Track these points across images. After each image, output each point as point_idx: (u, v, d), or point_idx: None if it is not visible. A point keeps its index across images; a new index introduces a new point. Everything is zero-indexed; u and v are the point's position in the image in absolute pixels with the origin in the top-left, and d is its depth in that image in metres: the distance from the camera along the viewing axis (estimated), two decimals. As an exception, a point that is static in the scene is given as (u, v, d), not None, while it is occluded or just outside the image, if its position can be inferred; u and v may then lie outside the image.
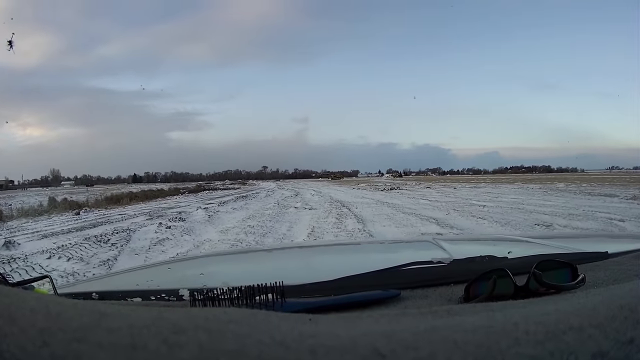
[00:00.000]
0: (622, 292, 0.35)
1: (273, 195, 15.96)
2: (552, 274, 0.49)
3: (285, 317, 0.30)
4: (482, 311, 0.34)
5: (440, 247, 0.85)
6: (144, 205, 12.55)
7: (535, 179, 32.72)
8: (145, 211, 9.64)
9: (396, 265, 0.61)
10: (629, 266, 0.62)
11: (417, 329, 0.25)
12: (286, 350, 0.21)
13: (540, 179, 34.85)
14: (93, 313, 0.23)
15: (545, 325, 0.24)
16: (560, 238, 1.28)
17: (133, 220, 7.42)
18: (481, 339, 0.23)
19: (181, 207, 10.61)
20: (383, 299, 0.52)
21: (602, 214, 6.71)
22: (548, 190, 14.52)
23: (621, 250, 0.74)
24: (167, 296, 0.59)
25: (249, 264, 1.08)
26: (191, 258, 1.48)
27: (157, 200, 14.94)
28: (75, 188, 43.41)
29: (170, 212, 8.82)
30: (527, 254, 0.66)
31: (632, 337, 0.23)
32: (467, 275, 0.54)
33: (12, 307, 0.22)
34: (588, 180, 23.69)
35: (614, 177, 33.40)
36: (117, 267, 3.80)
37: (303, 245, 2.37)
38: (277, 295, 0.44)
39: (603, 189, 14.24)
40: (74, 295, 0.61)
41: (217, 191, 22.23)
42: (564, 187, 17.03)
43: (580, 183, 20.24)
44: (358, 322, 0.31)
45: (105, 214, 9.59)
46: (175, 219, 7.23)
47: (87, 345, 0.20)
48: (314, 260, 1.05)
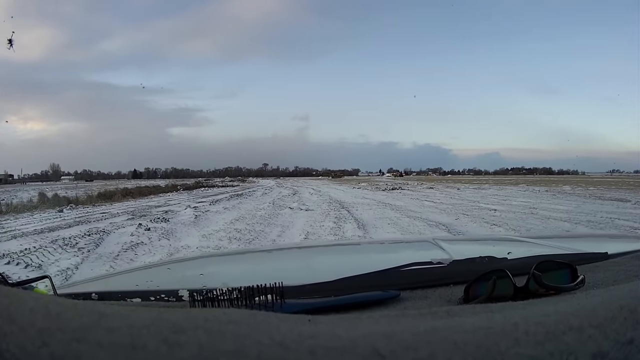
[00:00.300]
0: (622, 292, 0.35)
1: (270, 194, 15.31)
2: (551, 274, 0.49)
3: (284, 317, 0.30)
4: (481, 312, 0.34)
5: (440, 248, 0.85)
6: (134, 202, 12.08)
7: (538, 181, 32.30)
8: (131, 209, 9.12)
9: (396, 265, 0.61)
10: (628, 267, 0.62)
11: (416, 329, 0.25)
12: (286, 351, 0.21)
13: (543, 180, 34.42)
14: (92, 313, 0.23)
15: (545, 326, 0.24)
16: (559, 238, 1.28)
17: (113, 220, 6.85)
18: (481, 340, 0.23)
19: (170, 205, 10.09)
20: (383, 299, 0.52)
21: (622, 221, 6.17)
22: (556, 194, 14.04)
23: (621, 250, 0.73)
24: (167, 297, 0.59)
25: (248, 265, 1.08)
26: (191, 259, 1.46)
27: (149, 197, 14.55)
28: (74, 183, 42.91)
29: (156, 211, 8.30)
30: (527, 255, 0.66)
31: (631, 338, 0.23)
32: (466, 276, 0.54)
33: (12, 307, 0.22)
34: (592, 183, 23.24)
35: (617, 180, 32.85)
36: (74, 278, 3.34)
37: (302, 245, 2.35)
38: (277, 296, 0.44)
39: (611, 193, 13.80)
40: (73, 296, 0.62)
41: (214, 188, 21.88)
42: (570, 190, 16.55)
43: (585, 186, 19.78)
44: (358, 323, 0.31)
45: (88, 211, 9.08)
46: (158, 219, 6.71)
47: (87, 345, 0.20)
48: (314, 261, 1.05)
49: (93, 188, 20.45)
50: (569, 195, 13.23)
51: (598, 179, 37.74)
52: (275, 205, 9.91)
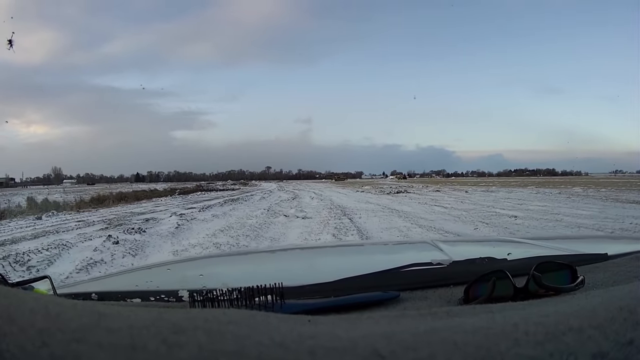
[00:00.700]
0: (622, 293, 0.35)
1: (269, 199, 14.43)
2: (551, 275, 0.49)
3: (284, 318, 0.30)
4: (481, 313, 0.34)
5: (439, 249, 0.85)
6: (121, 208, 11.45)
7: (544, 183, 30.70)
8: (112, 217, 8.44)
9: (396, 266, 0.61)
10: (628, 268, 0.62)
11: (416, 330, 0.25)
12: (285, 352, 0.21)
13: (549, 182, 33.02)
14: (92, 313, 0.23)
15: (545, 327, 0.24)
16: (559, 239, 1.28)
17: (84, 231, 6.18)
18: (481, 340, 0.23)
19: (156, 212, 9.39)
20: (382, 300, 0.52)
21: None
22: (570, 196, 13.06)
23: (620, 251, 0.73)
24: (167, 297, 0.59)
25: (248, 265, 1.08)
26: (191, 259, 1.44)
27: (140, 202, 14.05)
28: (75, 187, 42.81)
29: (136, 219, 7.58)
30: (527, 256, 0.66)
31: (631, 339, 0.23)
32: (466, 277, 0.54)
33: (12, 308, 0.22)
34: (600, 185, 21.83)
35: (623, 181, 31.22)
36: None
37: (303, 246, 2.32)
38: (277, 297, 0.45)
39: (626, 195, 12.82)
40: (73, 296, 0.62)
41: (211, 192, 21.23)
42: (582, 192, 15.57)
43: (595, 187, 18.51)
44: (357, 324, 0.31)
45: (67, 219, 8.42)
46: (133, 230, 5.94)
47: (87, 346, 0.20)
48: (314, 262, 1.05)
49: (90, 192, 20.08)
50: (584, 197, 12.24)
51: (603, 179, 36.04)
52: (270, 212, 9.05)
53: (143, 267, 1.36)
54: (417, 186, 25.92)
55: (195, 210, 9.26)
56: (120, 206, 12.26)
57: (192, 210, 9.47)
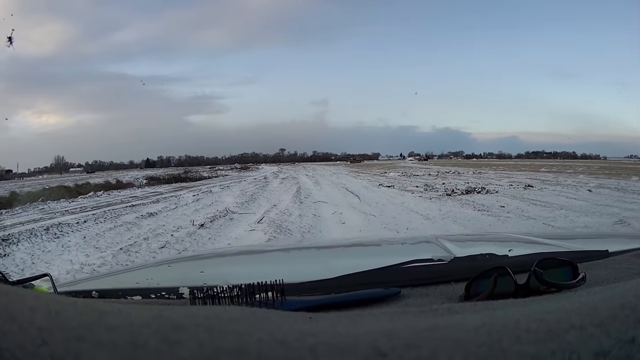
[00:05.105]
0: (623, 290, 0.35)
1: (249, 191, 10.16)
2: (552, 272, 0.49)
3: (285, 315, 0.30)
4: (483, 309, 0.34)
5: (441, 246, 0.85)
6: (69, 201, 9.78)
7: (570, 166, 25.97)
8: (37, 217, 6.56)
9: (397, 263, 0.61)
10: (629, 265, 0.61)
11: (418, 327, 0.25)
12: (286, 349, 0.21)
13: (576, 165, 26.81)
14: (93, 311, 0.23)
15: (546, 324, 0.24)
16: (560, 236, 1.28)
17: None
18: (482, 337, 0.23)
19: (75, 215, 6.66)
20: (384, 297, 0.52)
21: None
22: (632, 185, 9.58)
23: (622, 248, 0.73)
24: (167, 294, 0.59)
25: (249, 263, 1.07)
26: (191, 257, 1.45)
27: (97, 192, 12.24)
28: (78, 175, 41.83)
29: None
30: (528, 252, 0.66)
31: (633, 336, 0.23)
32: (467, 274, 0.54)
33: (12, 306, 0.22)
34: (633, 171, 16.68)
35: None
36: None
37: (303, 244, 2.34)
38: (277, 293, 0.45)
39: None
40: (73, 294, 0.61)
41: (201, 181, 18.96)
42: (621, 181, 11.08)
43: (628, 175, 13.78)
44: (359, 320, 0.31)
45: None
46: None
47: (87, 344, 0.20)
48: (314, 259, 1.05)
49: (73, 180, 18.83)
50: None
51: (626, 165, 28.92)
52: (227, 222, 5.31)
53: (143, 264, 1.33)
54: (449, 169, 19.30)
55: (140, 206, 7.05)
56: (81, 198, 10.52)
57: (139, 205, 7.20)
